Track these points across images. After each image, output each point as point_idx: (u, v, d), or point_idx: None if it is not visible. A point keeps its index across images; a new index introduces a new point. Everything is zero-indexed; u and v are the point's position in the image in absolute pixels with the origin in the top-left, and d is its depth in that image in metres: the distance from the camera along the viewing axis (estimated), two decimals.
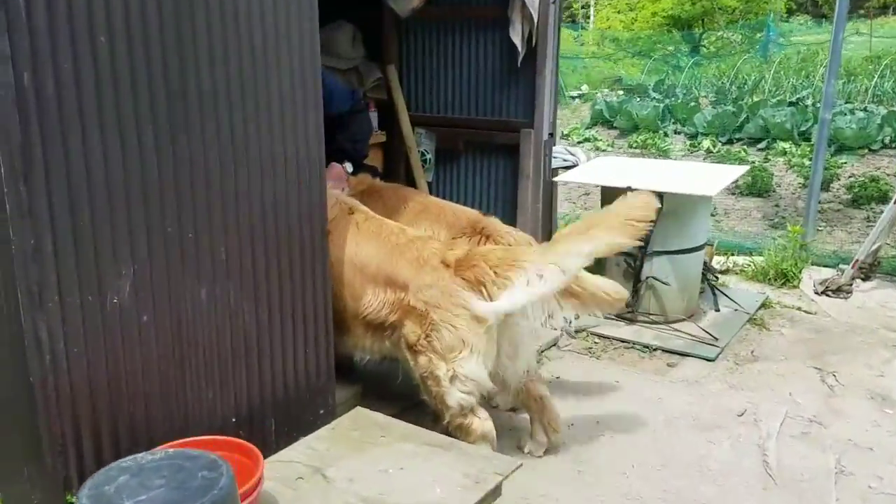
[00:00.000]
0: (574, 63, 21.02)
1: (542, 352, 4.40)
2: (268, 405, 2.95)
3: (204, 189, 2.57)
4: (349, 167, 4.12)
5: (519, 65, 4.54)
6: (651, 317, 4.76)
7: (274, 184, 2.80)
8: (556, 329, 4.66)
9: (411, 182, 4.98)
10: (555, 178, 4.87)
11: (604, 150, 12.59)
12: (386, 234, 3.36)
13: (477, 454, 2.75)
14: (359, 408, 3.09)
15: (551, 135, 4.64)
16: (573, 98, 18.05)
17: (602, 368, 4.30)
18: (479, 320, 3.04)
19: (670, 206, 4.51)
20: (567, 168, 5.34)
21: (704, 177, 4.87)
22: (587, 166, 5.18)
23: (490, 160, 4.85)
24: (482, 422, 3.15)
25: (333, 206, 3.44)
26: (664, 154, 11.89)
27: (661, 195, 4.44)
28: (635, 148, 12.42)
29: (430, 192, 5.02)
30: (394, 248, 3.29)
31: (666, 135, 13.21)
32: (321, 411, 3.18)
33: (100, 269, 2.34)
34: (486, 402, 3.36)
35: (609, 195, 4.79)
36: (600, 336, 4.66)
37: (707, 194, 4.37)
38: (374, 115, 4.93)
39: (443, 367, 3.07)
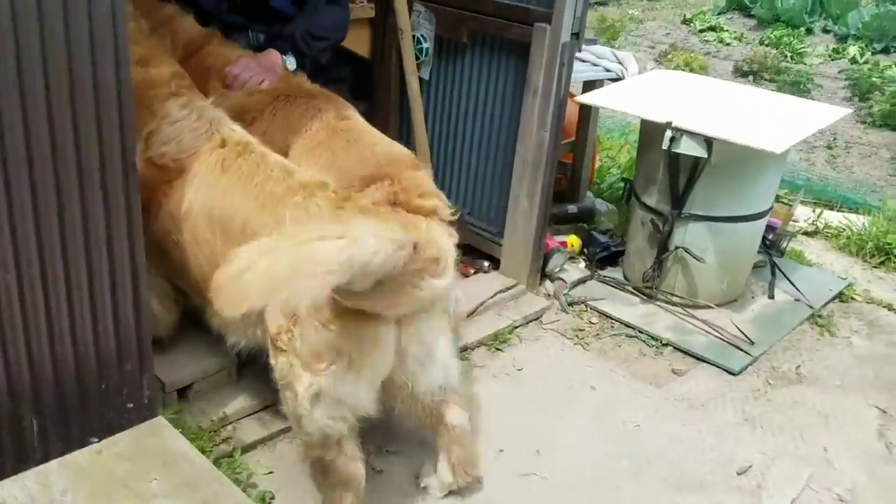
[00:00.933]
0: None
1: (515, 328, 3.39)
2: (23, 398, 2.12)
3: None
4: (290, 63, 3.11)
5: None
6: (674, 298, 3.62)
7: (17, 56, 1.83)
8: (548, 296, 3.63)
9: (403, 81, 3.83)
10: (576, 98, 3.66)
11: (728, 45, 10.74)
12: (262, 179, 2.38)
13: None
14: (160, 419, 2.24)
15: (576, 35, 3.36)
16: None
17: (583, 364, 3.25)
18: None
19: (722, 158, 3.28)
20: (613, 82, 4.10)
21: (786, 118, 3.54)
22: (629, 83, 3.90)
23: (500, 61, 3.62)
24: (348, 462, 2.25)
25: (201, 134, 2.48)
26: (798, 58, 10.00)
27: (709, 141, 3.23)
28: (767, 45, 10.50)
29: (426, 96, 3.88)
30: (266, 200, 2.34)
31: (809, 32, 11.17)
32: (129, 405, 2.33)
33: None
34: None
35: (649, 132, 3.56)
36: (601, 314, 3.57)
37: (769, 150, 3.10)
38: None
39: (304, 380, 2.14)
